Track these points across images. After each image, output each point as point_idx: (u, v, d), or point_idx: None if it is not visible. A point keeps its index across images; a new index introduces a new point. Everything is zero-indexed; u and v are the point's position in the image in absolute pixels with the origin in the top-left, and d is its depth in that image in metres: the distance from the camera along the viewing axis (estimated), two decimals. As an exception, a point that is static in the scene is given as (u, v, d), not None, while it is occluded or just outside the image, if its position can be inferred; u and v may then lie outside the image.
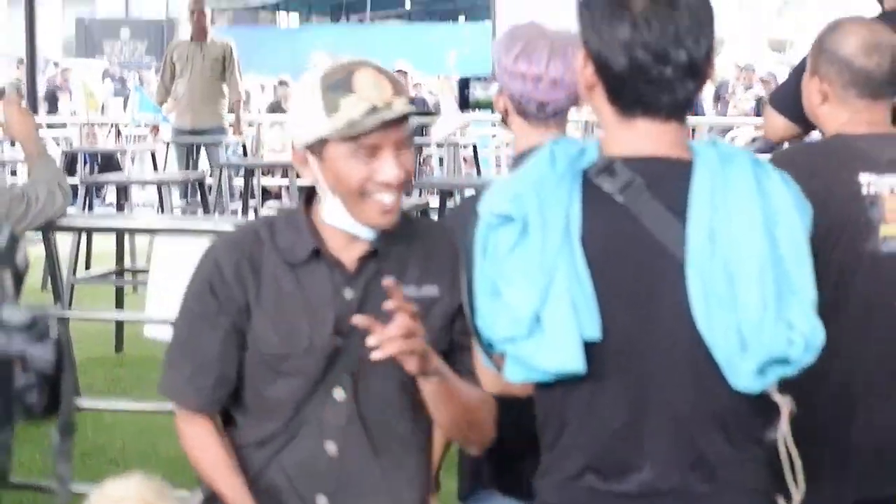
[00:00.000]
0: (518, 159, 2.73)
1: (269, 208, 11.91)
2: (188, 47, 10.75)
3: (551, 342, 1.86)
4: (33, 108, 8.16)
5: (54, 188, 4.73)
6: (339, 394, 2.36)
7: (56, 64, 18.88)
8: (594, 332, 1.88)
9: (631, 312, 1.91)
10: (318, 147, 2.31)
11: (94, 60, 25.24)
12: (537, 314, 1.86)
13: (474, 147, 11.44)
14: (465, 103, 3.23)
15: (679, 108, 1.96)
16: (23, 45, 11.12)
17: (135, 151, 10.73)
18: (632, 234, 1.91)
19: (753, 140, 12.53)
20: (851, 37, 2.77)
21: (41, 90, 17.42)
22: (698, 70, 1.95)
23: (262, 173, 10.83)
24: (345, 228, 2.36)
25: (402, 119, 2.30)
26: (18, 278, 1.59)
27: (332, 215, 2.36)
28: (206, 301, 2.39)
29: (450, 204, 7.76)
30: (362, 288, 2.36)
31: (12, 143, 10.81)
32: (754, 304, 1.85)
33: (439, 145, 10.60)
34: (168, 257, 4.73)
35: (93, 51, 29.83)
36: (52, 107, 17.84)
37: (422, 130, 11.96)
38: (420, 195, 8.24)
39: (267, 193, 11.84)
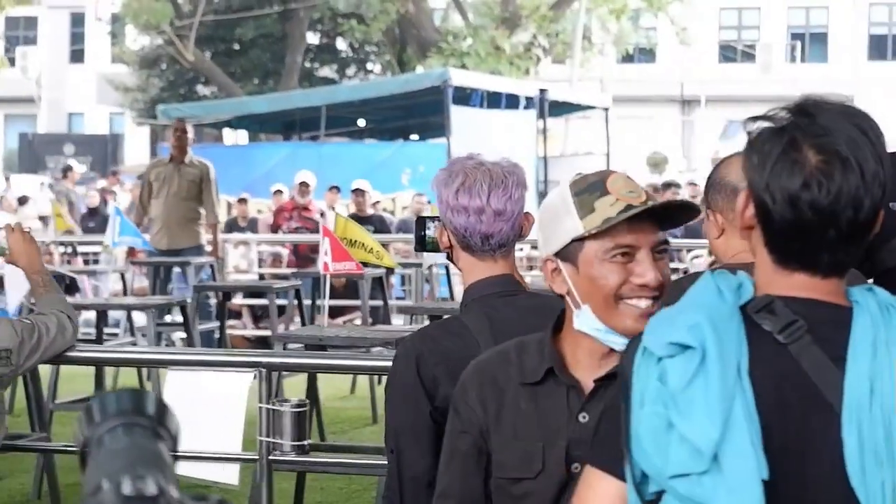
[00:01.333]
0: (470, 292, 2.72)
1: (230, 328, 11.81)
2: (166, 168, 10.67)
3: (731, 480, 1.77)
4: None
5: (64, 319, 4.63)
6: None
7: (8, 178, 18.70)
8: (765, 472, 1.79)
9: (786, 456, 1.85)
10: (571, 253, 2.26)
11: (37, 176, 25.07)
12: (716, 449, 1.78)
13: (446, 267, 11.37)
14: (421, 244, 3.04)
15: (839, 266, 1.92)
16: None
17: (102, 271, 10.58)
18: (793, 377, 1.85)
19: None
20: (735, 164, 2.83)
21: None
22: (862, 232, 1.90)
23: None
24: (598, 337, 2.26)
25: (659, 224, 2.25)
26: (175, 448, 1.49)
27: (585, 324, 2.27)
28: (451, 423, 2.37)
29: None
30: (600, 411, 2.20)
31: None
32: None
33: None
34: (180, 389, 4.62)
35: (35, 166, 29.63)
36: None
37: (385, 247, 11.86)
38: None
39: (230, 312, 11.72)
